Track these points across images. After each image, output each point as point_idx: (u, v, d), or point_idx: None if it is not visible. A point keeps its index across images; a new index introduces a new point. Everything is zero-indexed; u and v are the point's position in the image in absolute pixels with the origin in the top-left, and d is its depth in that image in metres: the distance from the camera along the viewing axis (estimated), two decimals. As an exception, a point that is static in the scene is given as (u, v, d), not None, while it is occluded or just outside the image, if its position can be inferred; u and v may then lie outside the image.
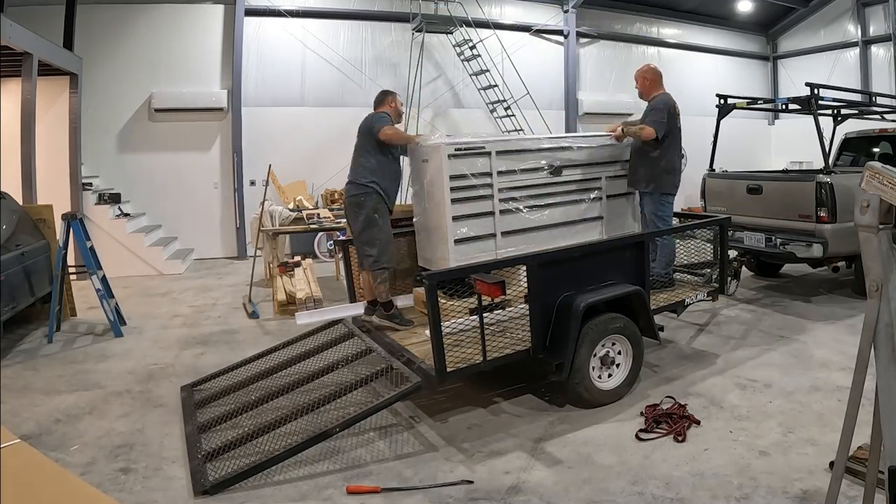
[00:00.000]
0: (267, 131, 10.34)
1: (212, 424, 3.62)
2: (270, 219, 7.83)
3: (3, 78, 7.78)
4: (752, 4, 13.74)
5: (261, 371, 4.22)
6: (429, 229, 4.51)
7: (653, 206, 4.93)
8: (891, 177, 1.83)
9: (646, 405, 3.80)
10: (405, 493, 2.94)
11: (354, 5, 11.03)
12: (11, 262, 5.37)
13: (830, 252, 5.64)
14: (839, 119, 7.27)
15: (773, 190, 6.16)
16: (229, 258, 10.33)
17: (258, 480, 3.06)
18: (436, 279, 3.44)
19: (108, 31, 9.54)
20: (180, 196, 10.07)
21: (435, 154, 4.26)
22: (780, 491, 2.83)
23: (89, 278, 5.99)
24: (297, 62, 10.62)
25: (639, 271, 4.18)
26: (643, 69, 5.12)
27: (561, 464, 3.19)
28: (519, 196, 4.52)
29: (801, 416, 3.63)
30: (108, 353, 5.27)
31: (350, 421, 3.33)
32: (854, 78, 12.95)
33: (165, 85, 9.87)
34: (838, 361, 4.50)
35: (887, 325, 1.89)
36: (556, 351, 3.67)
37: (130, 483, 3.09)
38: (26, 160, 7.23)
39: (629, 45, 13.42)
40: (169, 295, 7.62)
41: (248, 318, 6.40)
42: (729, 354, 4.79)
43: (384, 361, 3.78)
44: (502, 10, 12.09)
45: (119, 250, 8.75)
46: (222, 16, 10.14)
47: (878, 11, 12.85)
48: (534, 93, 11.22)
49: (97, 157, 9.54)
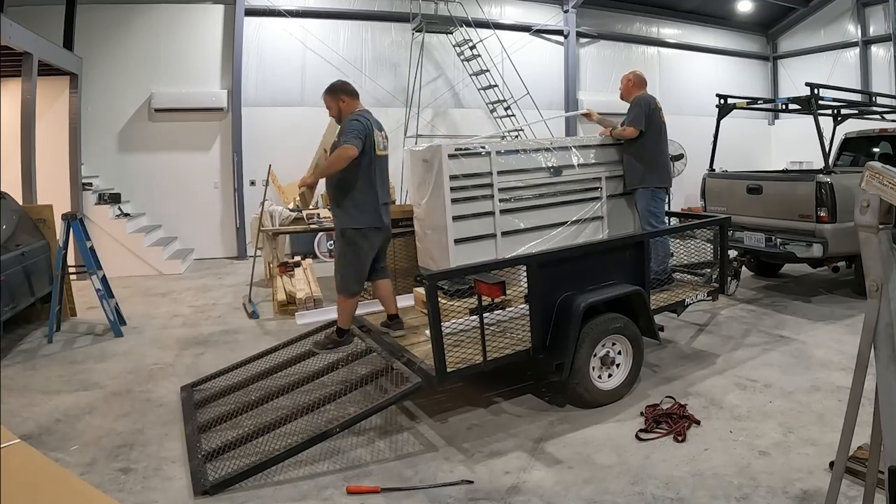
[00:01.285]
0: (267, 131, 10.34)
1: (212, 424, 3.62)
2: (270, 219, 7.83)
3: (3, 78, 7.79)
4: (752, 4, 13.74)
5: (261, 371, 4.22)
6: (429, 229, 4.51)
7: (644, 201, 5.02)
8: (891, 177, 1.83)
9: (646, 405, 3.80)
10: (405, 493, 2.94)
11: (354, 5, 11.03)
12: (11, 262, 5.37)
13: (830, 252, 5.64)
14: (839, 119, 7.27)
15: (773, 190, 6.16)
16: (229, 258, 10.33)
17: (258, 480, 3.06)
18: (436, 279, 3.44)
19: (108, 31, 9.54)
20: (180, 196, 10.06)
21: (435, 154, 4.26)
22: (780, 491, 2.83)
23: (89, 278, 5.99)
24: (297, 62, 10.62)
25: (639, 271, 4.18)
26: (628, 74, 5.31)
27: (561, 464, 3.19)
28: (519, 196, 4.52)
29: (801, 416, 3.63)
30: (108, 353, 5.27)
31: (350, 421, 3.33)
32: (854, 78, 12.95)
33: (165, 85, 9.87)
34: (838, 361, 4.50)
35: (887, 325, 1.89)
36: (556, 351, 3.67)
37: (130, 483, 3.08)
38: (26, 160, 7.22)
39: (629, 45, 13.41)
40: (169, 295, 7.61)
41: (248, 318, 6.40)
42: (729, 354, 4.79)
43: (384, 361, 3.79)
44: (502, 10, 12.09)
45: (119, 250, 8.75)
46: (222, 16, 10.14)
47: (878, 11, 12.85)
48: (534, 93, 11.22)
49: (97, 157, 9.54)
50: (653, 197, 5.01)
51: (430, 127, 11.32)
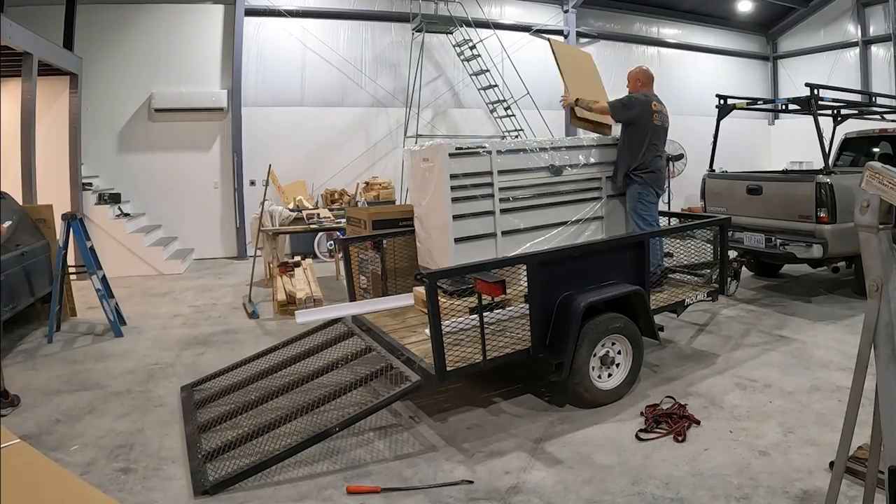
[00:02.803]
0: (267, 131, 10.34)
1: (212, 424, 3.62)
2: (270, 219, 7.83)
3: (3, 78, 7.79)
4: (752, 4, 13.75)
5: (260, 371, 4.21)
6: (429, 228, 4.51)
7: (631, 202, 4.93)
8: (891, 177, 1.83)
9: (646, 405, 3.80)
10: (405, 493, 2.93)
11: (354, 5, 11.04)
12: (11, 262, 5.37)
13: (830, 252, 5.64)
14: (839, 119, 7.27)
15: (772, 190, 6.16)
16: (229, 258, 10.33)
17: (258, 480, 3.06)
18: (436, 278, 3.44)
19: (108, 31, 9.55)
20: (180, 196, 10.07)
21: (436, 154, 4.26)
22: (780, 491, 2.83)
23: (89, 278, 5.99)
24: (297, 62, 10.62)
25: (639, 271, 4.18)
26: (634, 70, 5.22)
27: (561, 464, 3.19)
28: (519, 196, 4.52)
29: (801, 416, 3.63)
30: (108, 353, 5.27)
31: (350, 421, 3.32)
32: (854, 78, 12.96)
33: (165, 85, 9.87)
34: (838, 361, 4.50)
35: (887, 325, 1.89)
36: (556, 351, 3.67)
37: (130, 483, 3.08)
38: (26, 160, 7.23)
39: (629, 45, 13.42)
40: (169, 295, 7.62)
41: (248, 318, 6.40)
42: (729, 354, 4.79)
43: (384, 360, 3.78)
44: (502, 10, 12.10)
45: (119, 250, 8.76)
46: (222, 16, 10.15)
47: (878, 11, 12.86)
48: (534, 93, 11.22)
49: (97, 157, 9.54)
50: (640, 198, 4.88)
51: (430, 127, 11.32)
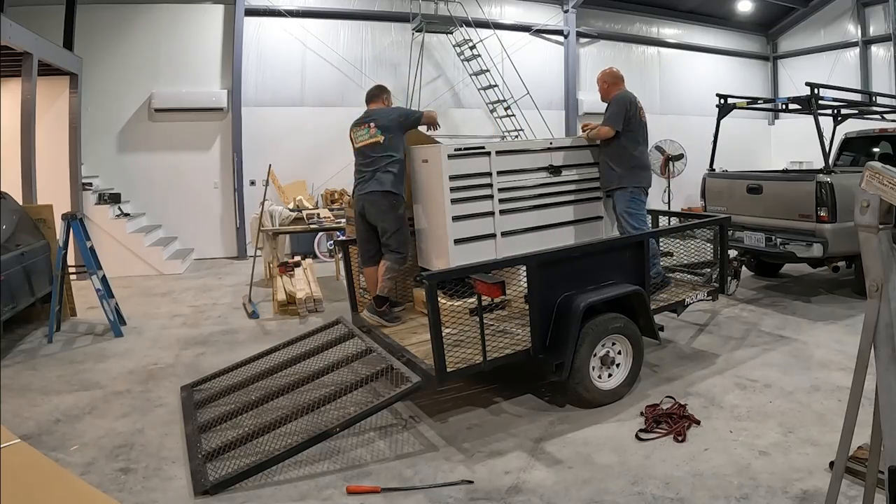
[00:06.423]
0: (267, 131, 10.33)
1: (212, 424, 3.62)
2: (270, 219, 7.83)
3: (3, 78, 7.78)
4: (752, 4, 13.74)
5: (261, 371, 4.22)
6: (428, 229, 4.52)
7: (622, 203, 4.77)
8: (891, 177, 1.83)
9: (646, 405, 3.80)
10: (405, 493, 2.94)
11: (354, 5, 11.03)
12: (11, 262, 5.37)
13: (830, 252, 5.64)
14: (839, 119, 7.27)
15: (773, 190, 6.16)
16: (229, 258, 10.33)
17: (258, 480, 3.06)
18: (436, 279, 3.44)
19: (108, 31, 9.54)
20: (180, 196, 10.06)
21: (435, 154, 4.26)
22: (780, 491, 2.83)
23: (89, 278, 5.99)
24: (297, 62, 10.61)
25: (639, 271, 4.18)
26: (601, 74, 5.03)
27: (561, 464, 3.19)
28: (519, 196, 4.51)
29: (801, 416, 3.63)
30: (108, 353, 5.27)
31: (350, 421, 3.33)
32: (854, 78, 12.95)
33: (165, 85, 9.87)
34: (838, 361, 4.50)
35: (887, 325, 1.89)
36: (556, 351, 3.67)
37: (130, 483, 3.09)
38: (26, 160, 7.22)
39: (629, 45, 13.40)
40: (169, 295, 7.61)
41: (248, 318, 6.40)
42: (729, 354, 4.79)
43: (384, 361, 3.78)
44: (502, 10, 12.09)
45: (119, 250, 8.75)
46: (222, 16, 10.14)
47: (878, 11, 12.85)
48: (534, 93, 11.22)
49: (97, 157, 9.53)
50: (631, 198, 4.76)
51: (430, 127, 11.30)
